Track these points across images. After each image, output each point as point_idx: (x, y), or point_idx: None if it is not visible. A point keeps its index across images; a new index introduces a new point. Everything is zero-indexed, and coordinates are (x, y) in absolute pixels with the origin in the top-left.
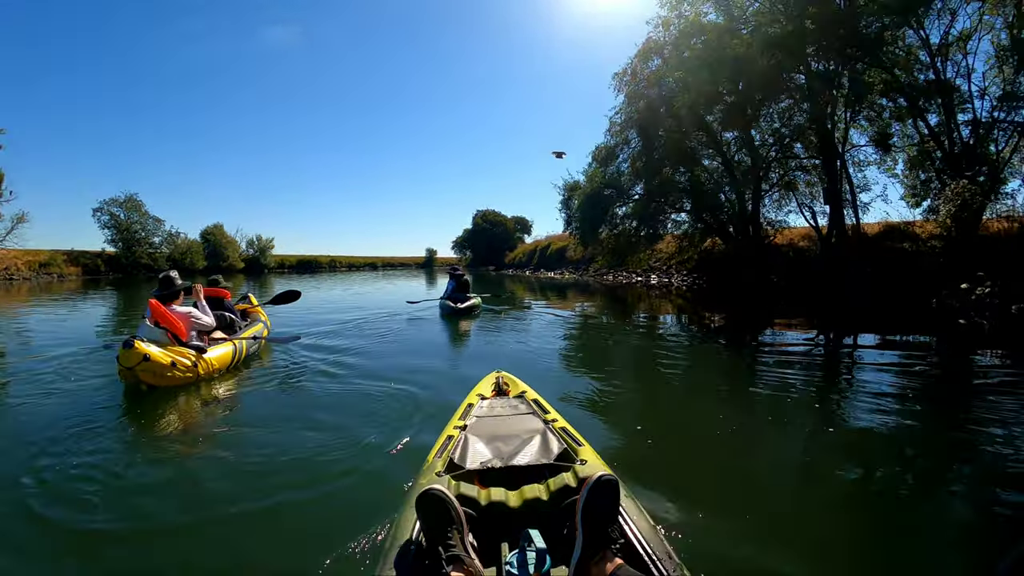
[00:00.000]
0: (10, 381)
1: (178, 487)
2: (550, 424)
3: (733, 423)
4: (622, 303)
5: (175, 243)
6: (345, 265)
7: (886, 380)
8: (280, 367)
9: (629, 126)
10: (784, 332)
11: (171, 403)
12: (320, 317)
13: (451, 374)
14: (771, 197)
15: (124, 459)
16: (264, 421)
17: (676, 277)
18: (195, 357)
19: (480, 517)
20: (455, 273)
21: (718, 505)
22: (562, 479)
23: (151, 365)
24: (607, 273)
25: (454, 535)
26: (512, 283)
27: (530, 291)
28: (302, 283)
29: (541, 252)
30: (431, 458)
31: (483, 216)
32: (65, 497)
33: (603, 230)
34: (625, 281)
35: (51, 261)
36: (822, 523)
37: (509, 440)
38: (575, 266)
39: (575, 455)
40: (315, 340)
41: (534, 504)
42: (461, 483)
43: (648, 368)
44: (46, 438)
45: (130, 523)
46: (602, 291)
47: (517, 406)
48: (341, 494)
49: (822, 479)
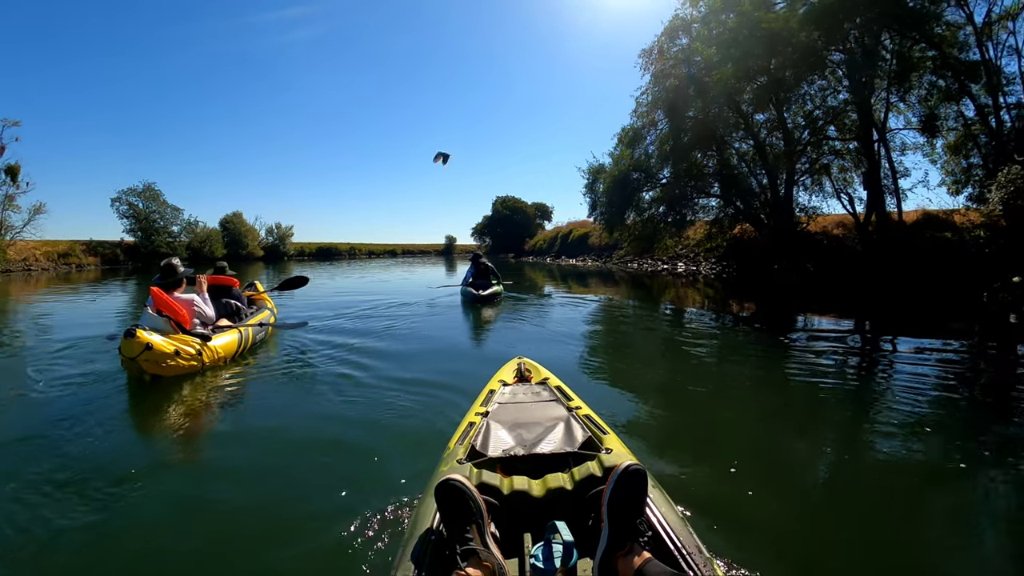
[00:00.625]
0: (14, 371)
1: (188, 475)
2: (574, 411)
3: (764, 415)
4: (647, 292)
5: (194, 232)
6: (365, 252)
7: (929, 376)
8: (289, 354)
9: (656, 107)
10: (819, 324)
11: (175, 393)
12: (335, 305)
13: (472, 360)
14: (804, 183)
15: (125, 450)
16: (274, 408)
17: (704, 265)
18: (199, 345)
19: (502, 506)
20: (476, 259)
21: (749, 498)
22: (587, 468)
23: (154, 354)
24: (631, 260)
25: (471, 528)
26: (532, 271)
27: (551, 279)
28: (320, 270)
29: (562, 239)
30: (452, 445)
31: (503, 202)
32: (63, 489)
33: (630, 215)
34: (650, 269)
35: (70, 251)
36: (858, 522)
37: (532, 427)
38: (597, 253)
39: (600, 444)
40: (330, 327)
41: (558, 493)
42: (483, 471)
43: (675, 358)
44: (45, 431)
45: (135, 513)
46: (626, 279)
47: (540, 393)
48: (359, 481)
49: (858, 477)
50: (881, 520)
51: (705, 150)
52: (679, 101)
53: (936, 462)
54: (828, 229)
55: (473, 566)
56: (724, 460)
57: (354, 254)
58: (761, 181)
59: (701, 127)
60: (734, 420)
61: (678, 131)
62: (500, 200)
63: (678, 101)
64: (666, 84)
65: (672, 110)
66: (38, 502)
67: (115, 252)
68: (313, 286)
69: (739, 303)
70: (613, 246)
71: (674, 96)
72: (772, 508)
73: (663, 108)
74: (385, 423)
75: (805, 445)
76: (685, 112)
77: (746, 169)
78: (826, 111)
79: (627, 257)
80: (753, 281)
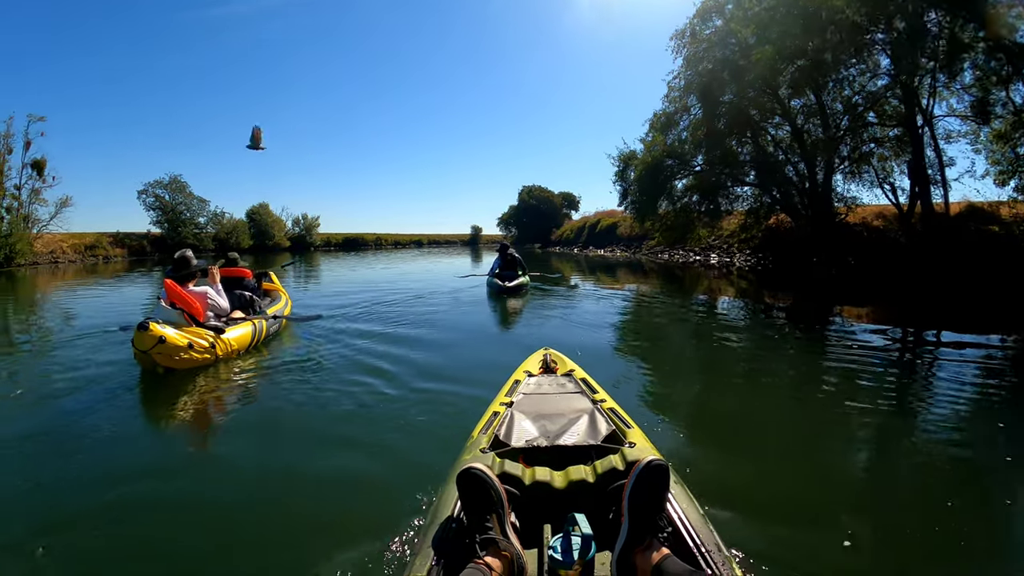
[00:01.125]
0: (27, 362)
1: (203, 467)
2: (598, 404)
3: (795, 415)
4: (678, 284)
5: (220, 223)
6: (391, 242)
7: (973, 376)
8: (306, 345)
9: (689, 91)
10: (859, 319)
11: (189, 386)
12: (356, 296)
13: (497, 350)
14: (842, 171)
15: (135, 444)
16: (292, 400)
17: (739, 257)
18: (213, 338)
19: (523, 496)
20: (504, 250)
21: (772, 499)
22: (609, 461)
23: (166, 347)
24: (662, 251)
25: (491, 517)
26: (559, 262)
27: (578, 270)
28: (346, 261)
29: (590, 229)
30: (476, 434)
31: (529, 192)
32: (69, 483)
33: (662, 204)
34: (681, 260)
35: (97, 243)
36: (889, 531)
37: (556, 419)
38: (626, 244)
39: (624, 437)
40: (350, 317)
41: (579, 486)
42: (505, 461)
43: (705, 352)
44: (54, 423)
45: (142, 508)
46: (656, 271)
47: (565, 384)
48: (380, 469)
49: (891, 483)
50: (915, 529)
51: (740, 136)
52: (713, 85)
53: (976, 466)
54: (868, 220)
55: (492, 555)
56: (750, 459)
57: (380, 244)
58: (799, 169)
59: (736, 112)
60: (763, 418)
61: (712, 117)
62: (526, 189)
63: (712, 85)
64: (699, 68)
65: (705, 95)
66: (44, 496)
67: (142, 244)
68: (335, 278)
69: (775, 296)
70: (643, 236)
71: (708, 80)
72: (796, 510)
73: (696, 93)
74: (407, 412)
75: (837, 446)
76: (720, 97)
77: (783, 157)
78: (866, 96)
79: (658, 247)
80: (790, 274)
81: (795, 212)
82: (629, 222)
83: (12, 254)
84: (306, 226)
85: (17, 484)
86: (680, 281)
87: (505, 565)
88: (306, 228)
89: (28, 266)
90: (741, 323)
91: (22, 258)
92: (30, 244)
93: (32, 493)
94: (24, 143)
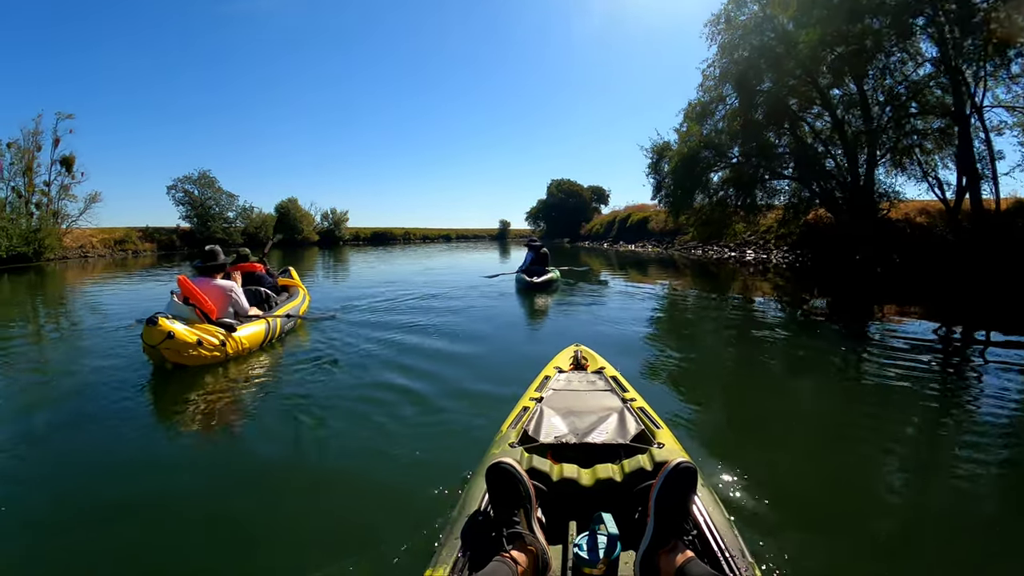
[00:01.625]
0: (36, 355)
1: (219, 462)
2: (628, 403)
3: (831, 421)
4: (712, 281)
5: (249, 217)
6: (419, 237)
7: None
8: (325, 341)
9: (724, 80)
10: (904, 322)
11: (199, 382)
12: (379, 292)
13: (525, 346)
14: (885, 164)
15: (140, 440)
16: (310, 396)
17: (776, 253)
18: (223, 335)
19: (550, 492)
20: (533, 245)
21: (801, 508)
22: (637, 461)
23: (175, 343)
24: (696, 247)
25: (519, 512)
26: (588, 257)
27: (608, 265)
28: (373, 256)
29: (620, 223)
30: (505, 428)
31: (558, 185)
32: (70, 479)
33: (699, 197)
34: (716, 257)
35: (126, 238)
36: (925, 547)
37: (585, 416)
38: (658, 239)
39: (652, 437)
40: (373, 310)
41: (606, 484)
42: (534, 456)
43: (739, 353)
44: (63, 416)
45: (148, 503)
46: (690, 267)
47: (595, 382)
48: (409, 462)
49: (928, 495)
50: (953, 547)
51: (778, 127)
52: (749, 74)
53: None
54: (910, 216)
55: (518, 549)
56: (780, 465)
57: (409, 239)
58: (840, 162)
59: (774, 102)
60: (797, 423)
61: (749, 106)
62: (555, 183)
63: (748, 73)
64: (735, 56)
65: (741, 84)
66: (51, 489)
67: (171, 238)
68: (358, 274)
69: (814, 295)
70: (675, 231)
71: (744, 68)
72: (826, 520)
73: (732, 81)
74: (435, 406)
75: (875, 456)
76: (756, 86)
77: (822, 149)
78: (909, 85)
79: (691, 243)
80: (830, 271)
81: (835, 207)
82: (663, 217)
83: (41, 249)
84: (335, 220)
85: (16, 476)
86: (715, 278)
87: (531, 559)
88: (335, 223)
89: (58, 260)
90: (778, 323)
91: (51, 252)
92: (59, 239)
93: (32, 487)
94: (53, 140)
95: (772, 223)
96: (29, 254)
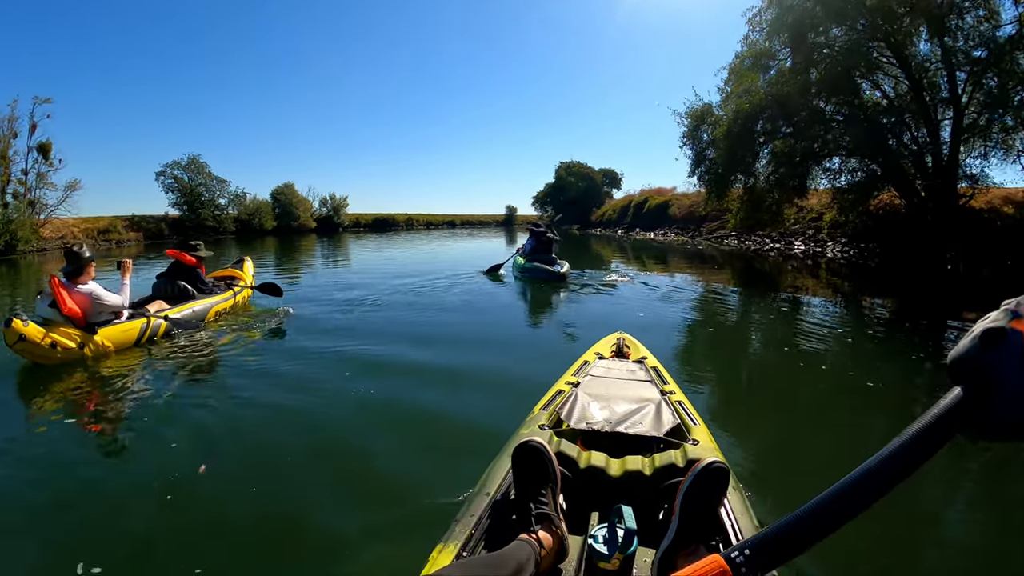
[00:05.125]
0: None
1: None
2: (667, 395)
3: (882, 438)
4: (755, 277)
5: (242, 203)
6: (423, 223)
7: None
8: (321, 331)
9: (777, 32)
10: None
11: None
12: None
13: (563, 332)
14: (968, 142)
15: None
16: (314, 372)
17: (834, 246)
18: (80, 337)
19: (575, 479)
20: (536, 230)
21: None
22: (669, 456)
23: (27, 345)
24: (729, 236)
25: (547, 492)
26: (600, 245)
27: (622, 256)
28: (368, 242)
29: (636, 209)
30: (537, 410)
31: (566, 168)
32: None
33: (750, 177)
34: (754, 248)
35: (111, 227)
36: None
37: (620, 404)
38: (681, 226)
39: (688, 433)
40: (384, 291)
41: (634, 477)
42: (563, 441)
43: (785, 360)
44: None
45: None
46: (720, 259)
47: (635, 371)
48: (435, 441)
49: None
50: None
51: (841, 92)
52: (805, 23)
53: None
54: (995, 205)
55: (545, 531)
56: (818, 476)
57: (411, 225)
58: (917, 136)
59: (835, 61)
60: (843, 435)
61: (807, 65)
62: (564, 166)
63: (804, 23)
64: (787, 2)
65: (796, 38)
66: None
67: (159, 227)
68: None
69: (885, 300)
70: (701, 218)
71: (799, 17)
72: (861, 536)
73: (785, 34)
74: (465, 387)
75: (932, 482)
76: (815, 39)
77: (892, 120)
78: (995, 46)
79: (722, 231)
80: (906, 270)
81: (910, 191)
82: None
83: (14, 241)
84: (334, 206)
85: None
86: (759, 274)
87: (555, 543)
88: (334, 209)
89: (36, 252)
90: (833, 330)
91: (26, 244)
92: (34, 230)
93: None
94: (29, 126)
95: (820, 208)
96: (0, 247)
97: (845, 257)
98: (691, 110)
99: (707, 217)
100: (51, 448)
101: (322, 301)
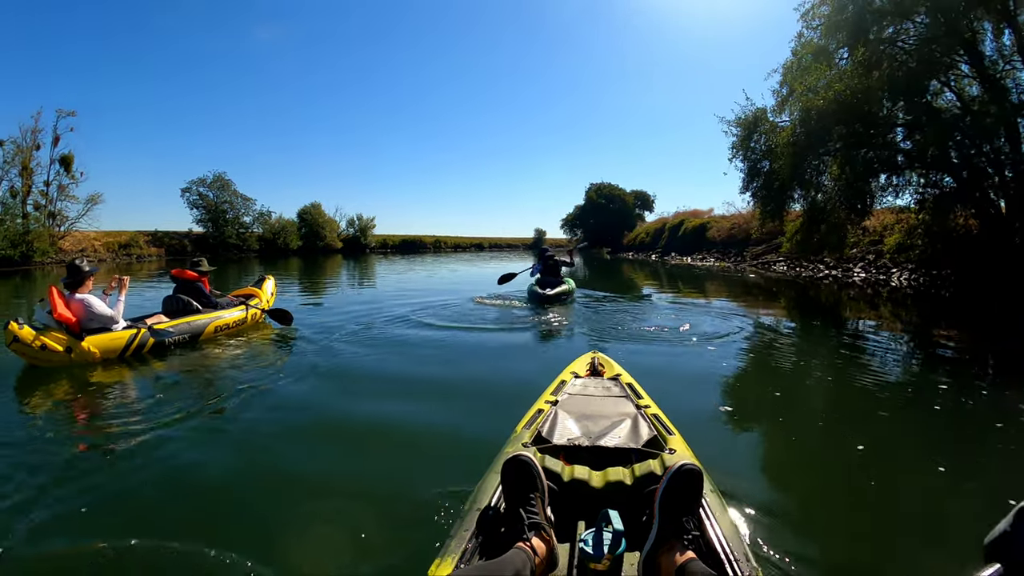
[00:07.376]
0: None
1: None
2: (642, 409)
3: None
4: (823, 312)
5: (268, 222)
6: (451, 245)
7: None
8: (323, 345)
9: (835, 31)
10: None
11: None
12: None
13: (541, 354)
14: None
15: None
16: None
17: (900, 273)
18: (67, 342)
19: (561, 493)
20: (544, 254)
21: (817, 523)
22: (648, 466)
23: (20, 346)
24: (777, 262)
25: (537, 502)
26: (633, 271)
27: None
28: (392, 266)
29: (671, 232)
30: (519, 429)
31: (597, 190)
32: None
33: (825, 184)
34: (806, 275)
35: (132, 242)
36: None
37: (599, 420)
38: (721, 249)
39: (664, 443)
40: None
41: (616, 487)
42: (546, 456)
43: (784, 374)
44: None
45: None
46: (779, 289)
47: (611, 388)
48: (425, 455)
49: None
50: None
51: (908, 95)
52: (865, 18)
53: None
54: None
55: (538, 539)
56: (798, 480)
57: (439, 247)
58: (998, 146)
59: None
60: (828, 453)
61: (868, 65)
62: (594, 187)
63: (864, 17)
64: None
65: (856, 33)
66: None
67: (182, 243)
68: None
69: (951, 332)
70: (743, 241)
71: (860, 10)
72: (838, 536)
73: (845, 32)
74: (448, 408)
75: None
76: (879, 35)
77: (970, 124)
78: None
79: (769, 257)
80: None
81: (989, 209)
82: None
83: (31, 252)
84: (360, 227)
85: None
86: (827, 308)
87: (548, 550)
88: (360, 229)
89: (54, 264)
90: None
91: (43, 256)
92: (52, 242)
93: None
94: (53, 138)
95: (879, 230)
96: (16, 257)
97: (912, 286)
98: (741, 118)
99: (749, 240)
100: (35, 445)
101: (328, 324)
